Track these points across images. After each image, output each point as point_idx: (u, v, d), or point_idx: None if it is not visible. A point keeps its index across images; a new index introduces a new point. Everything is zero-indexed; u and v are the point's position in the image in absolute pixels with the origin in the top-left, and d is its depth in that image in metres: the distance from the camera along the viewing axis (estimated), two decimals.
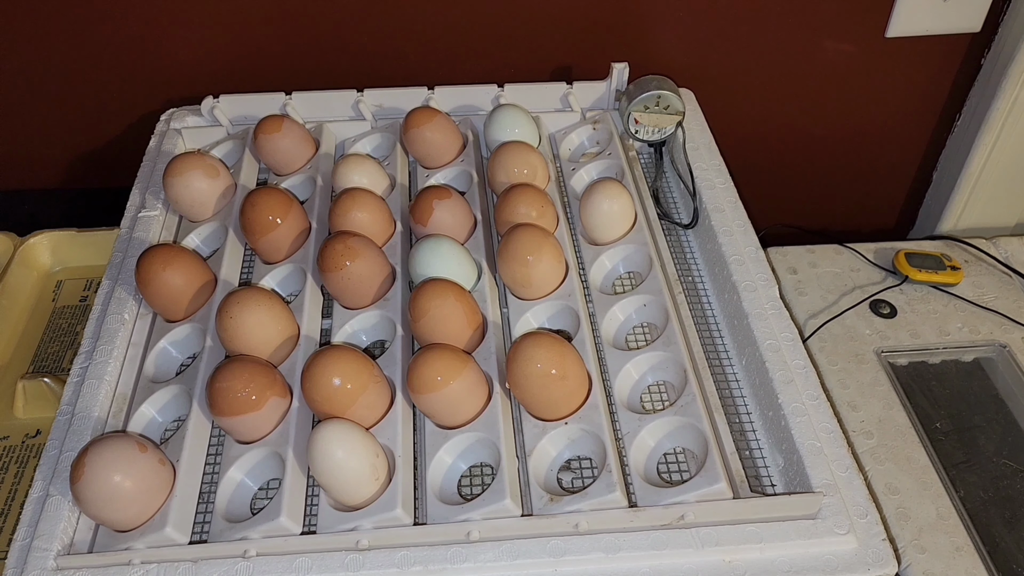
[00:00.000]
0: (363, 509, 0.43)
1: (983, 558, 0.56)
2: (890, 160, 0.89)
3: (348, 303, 0.54)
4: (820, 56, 0.79)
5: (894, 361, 0.69)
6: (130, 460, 0.43)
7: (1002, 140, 0.80)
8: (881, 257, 0.78)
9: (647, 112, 0.65)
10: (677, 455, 0.48)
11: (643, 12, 0.75)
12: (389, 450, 0.46)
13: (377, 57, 0.76)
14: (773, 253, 0.78)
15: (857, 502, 0.44)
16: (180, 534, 0.43)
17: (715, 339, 0.55)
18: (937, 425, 0.65)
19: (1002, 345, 0.70)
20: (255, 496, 0.47)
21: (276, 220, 0.57)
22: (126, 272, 0.57)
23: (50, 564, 0.42)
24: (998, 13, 0.76)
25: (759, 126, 0.85)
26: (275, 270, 0.58)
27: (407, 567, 0.41)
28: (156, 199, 0.63)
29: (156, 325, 0.55)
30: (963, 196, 0.85)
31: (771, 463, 0.48)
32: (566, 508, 0.43)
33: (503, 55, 0.77)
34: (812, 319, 0.72)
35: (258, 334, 0.50)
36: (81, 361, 0.52)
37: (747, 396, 0.52)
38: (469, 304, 0.51)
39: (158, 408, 0.51)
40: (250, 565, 0.41)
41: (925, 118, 0.86)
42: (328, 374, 0.45)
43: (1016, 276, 0.76)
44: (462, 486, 0.47)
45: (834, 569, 0.41)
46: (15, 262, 0.72)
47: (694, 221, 0.62)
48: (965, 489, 0.61)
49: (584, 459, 0.48)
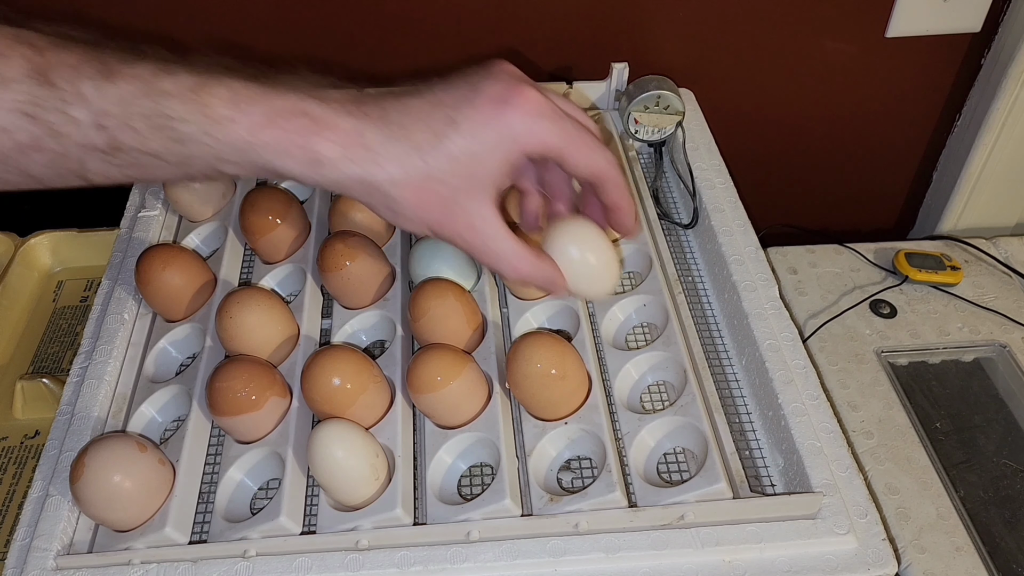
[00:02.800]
0: (363, 509, 0.43)
1: (983, 558, 0.56)
2: (890, 159, 0.89)
3: (348, 303, 0.54)
4: (820, 56, 0.79)
5: (894, 361, 0.69)
6: (130, 460, 0.43)
7: (1002, 140, 0.80)
8: (881, 257, 0.78)
9: (647, 112, 0.65)
10: (677, 455, 0.48)
11: (643, 12, 0.75)
12: (389, 450, 0.46)
13: (377, 57, 0.76)
14: (773, 253, 0.78)
15: (857, 502, 0.44)
16: (180, 534, 0.43)
17: (715, 339, 0.55)
18: (937, 425, 0.65)
19: (1002, 345, 0.70)
20: (255, 496, 0.47)
21: (276, 220, 0.57)
22: (126, 272, 0.57)
23: (50, 564, 0.42)
24: (998, 13, 0.76)
25: (759, 126, 0.85)
26: (275, 270, 0.58)
27: (407, 567, 0.41)
28: (156, 199, 0.63)
29: (156, 325, 0.55)
30: (963, 196, 0.85)
31: (771, 463, 0.48)
32: (566, 508, 0.43)
33: (503, 55, 0.76)
34: (812, 319, 0.72)
35: (258, 334, 0.50)
36: (81, 361, 0.52)
37: (747, 396, 0.52)
38: (469, 304, 0.51)
39: (158, 408, 0.51)
40: (250, 565, 0.41)
41: (925, 118, 0.85)
42: (328, 374, 0.45)
43: (1016, 276, 0.76)
44: (462, 486, 0.47)
45: (834, 569, 0.41)
46: (16, 262, 0.72)
47: (694, 221, 0.62)
48: (965, 489, 0.61)
49: (584, 459, 0.48)
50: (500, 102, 0.37)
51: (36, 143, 0.35)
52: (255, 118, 0.36)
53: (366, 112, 0.37)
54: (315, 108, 0.36)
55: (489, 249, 0.40)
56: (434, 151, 0.37)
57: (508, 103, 0.37)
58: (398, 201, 0.37)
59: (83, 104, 0.34)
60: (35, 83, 0.34)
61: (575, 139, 0.39)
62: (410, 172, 0.37)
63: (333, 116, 0.36)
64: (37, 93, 0.34)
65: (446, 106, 0.37)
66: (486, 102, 0.37)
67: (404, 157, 0.37)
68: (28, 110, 0.34)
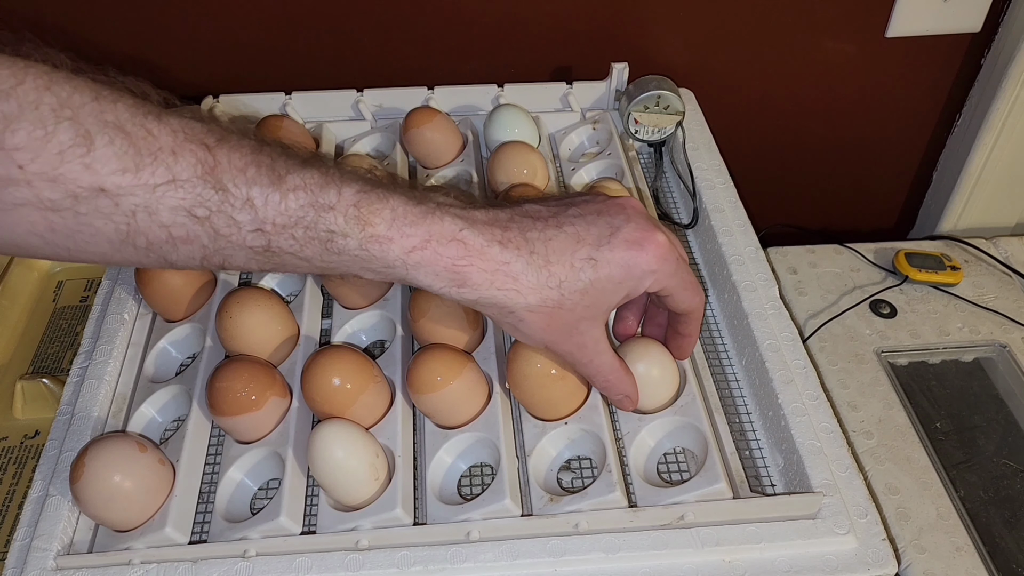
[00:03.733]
0: (363, 509, 0.43)
1: (983, 558, 0.56)
2: (890, 160, 0.89)
3: (348, 303, 0.54)
4: (820, 56, 0.79)
5: (894, 361, 0.69)
6: (130, 460, 0.43)
7: (1002, 140, 0.80)
8: (881, 257, 0.78)
9: (647, 112, 0.65)
10: (677, 455, 0.48)
11: (643, 12, 0.75)
12: (389, 450, 0.46)
13: (377, 57, 0.76)
14: (773, 253, 0.78)
15: (857, 502, 0.44)
16: (180, 534, 0.43)
17: (715, 339, 0.55)
18: (937, 425, 0.65)
19: (1002, 345, 0.70)
20: (255, 496, 0.47)
21: None
22: (126, 272, 0.57)
23: (50, 564, 0.42)
24: (998, 13, 0.76)
25: (759, 126, 0.85)
26: None
27: (407, 567, 0.41)
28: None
29: (156, 325, 0.55)
30: (963, 196, 0.85)
31: (771, 463, 0.48)
32: (566, 508, 0.43)
33: (503, 55, 0.77)
34: (812, 319, 0.72)
35: (258, 334, 0.50)
36: (81, 361, 0.52)
37: (747, 396, 0.52)
38: None
39: (158, 408, 0.51)
40: (250, 565, 0.41)
41: (925, 118, 0.85)
42: (328, 374, 0.45)
43: (1016, 276, 0.76)
44: (462, 486, 0.47)
45: (834, 569, 0.41)
46: (16, 262, 0.72)
47: (694, 221, 0.62)
48: (965, 489, 0.61)
49: (584, 459, 0.48)
50: (636, 246, 0.40)
51: (191, 238, 0.35)
52: (414, 241, 0.37)
53: (513, 242, 0.39)
54: (469, 236, 0.38)
55: (592, 363, 0.43)
56: (570, 287, 0.39)
57: (643, 248, 0.40)
58: (527, 323, 0.40)
59: (249, 211, 0.35)
60: (206, 185, 0.34)
61: (686, 284, 0.43)
62: (546, 302, 0.39)
63: (484, 245, 0.38)
64: (206, 196, 0.34)
65: (587, 244, 0.40)
66: (623, 244, 0.40)
67: (543, 289, 0.39)
68: (194, 210, 0.34)
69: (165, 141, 0.34)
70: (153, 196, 0.33)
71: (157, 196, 0.33)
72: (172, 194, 0.33)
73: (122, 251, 0.35)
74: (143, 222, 0.34)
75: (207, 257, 0.36)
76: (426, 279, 0.38)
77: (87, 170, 0.32)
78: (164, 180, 0.33)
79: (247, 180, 0.35)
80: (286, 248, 0.36)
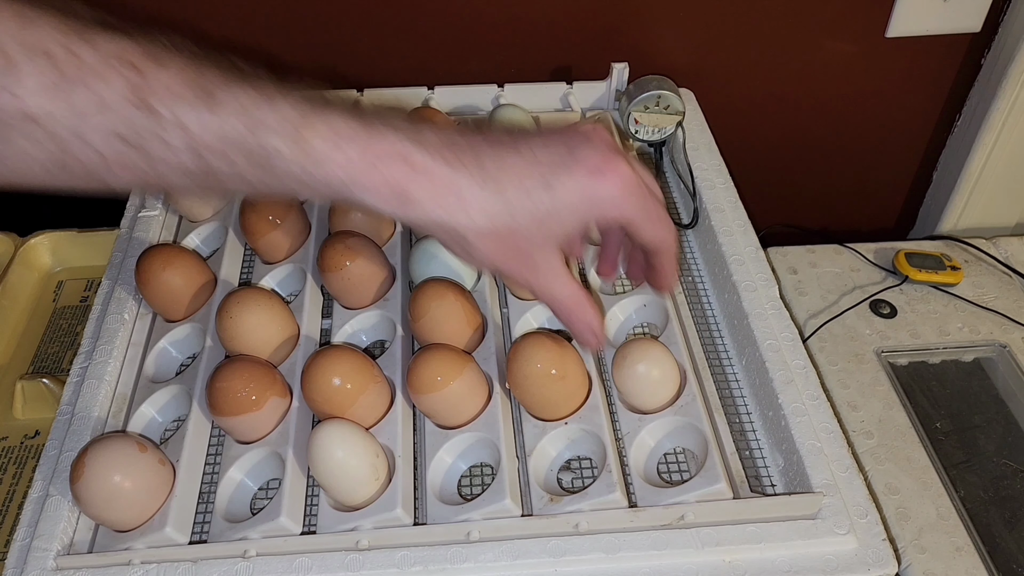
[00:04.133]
0: (363, 509, 0.43)
1: (983, 558, 0.56)
2: (890, 160, 0.89)
3: (348, 303, 0.54)
4: (820, 56, 0.79)
5: (894, 361, 0.69)
6: (130, 460, 0.43)
7: (1002, 140, 0.80)
8: (881, 257, 0.78)
9: (647, 112, 0.65)
10: (677, 455, 0.48)
11: (643, 12, 0.75)
12: (389, 450, 0.46)
13: (377, 57, 0.76)
14: (773, 253, 0.78)
15: (857, 502, 0.44)
16: (180, 534, 0.43)
17: (715, 339, 0.55)
18: (937, 425, 0.65)
19: (1002, 345, 0.70)
20: (255, 496, 0.47)
21: (276, 220, 0.57)
22: (126, 272, 0.57)
23: (50, 564, 0.42)
24: (998, 13, 0.76)
25: (759, 126, 0.85)
26: (275, 270, 0.58)
27: (407, 567, 0.41)
28: (156, 199, 0.63)
29: (156, 325, 0.55)
30: (963, 196, 0.85)
31: (771, 463, 0.48)
32: (566, 508, 0.43)
33: (503, 55, 0.77)
34: (812, 319, 0.72)
35: (258, 334, 0.50)
36: (81, 361, 0.52)
37: (747, 396, 0.52)
38: (469, 304, 0.51)
39: (158, 408, 0.51)
40: (250, 565, 0.41)
41: (925, 118, 0.85)
42: (328, 374, 0.45)
43: (1016, 276, 0.76)
44: (462, 486, 0.47)
45: (834, 569, 0.41)
46: (16, 262, 0.72)
47: (694, 221, 0.62)
48: (965, 489, 0.61)
49: (584, 459, 0.48)
50: (596, 172, 0.38)
51: (125, 162, 0.34)
52: (353, 158, 0.36)
53: (462, 161, 0.37)
54: (414, 153, 0.36)
55: (549, 289, 0.42)
56: (523, 210, 0.38)
57: (603, 176, 0.38)
58: (476, 247, 0.38)
59: (182, 132, 0.34)
60: (133, 108, 0.33)
61: (651, 214, 0.41)
62: (496, 225, 0.38)
63: (430, 162, 0.37)
64: (135, 119, 0.33)
65: (542, 167, 0.38)
66: (581, 170, 0.38)
67: (493, 211, 0.37)
68: (124, 134, 0.33)
69: (91, 62, 0.32)
70: (82, 121, 0.32)
71: (86, 121, 0.32)
72: (101, 118, 0.32)
73: (59, 177, 0.34)
74: (76, 148, 0.33)
75: (147, 181, 0.35)
76: (370, 198, 0.36)
77: (14, 98, 0.31)
78: (92, 104, 0.32)
79: (177, 100, 0.33)
80: (224, 169, 0.35)
